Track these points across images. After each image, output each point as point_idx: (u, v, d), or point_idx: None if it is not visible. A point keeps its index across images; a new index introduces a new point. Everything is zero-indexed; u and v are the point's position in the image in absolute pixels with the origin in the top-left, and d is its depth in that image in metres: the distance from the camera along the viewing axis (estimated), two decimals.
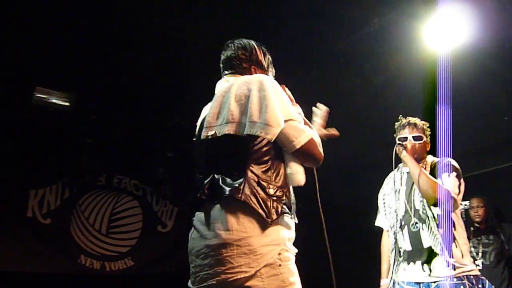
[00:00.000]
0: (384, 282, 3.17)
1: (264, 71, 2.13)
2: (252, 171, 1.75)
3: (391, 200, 3.13)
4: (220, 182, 1.75)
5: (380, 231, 3.39)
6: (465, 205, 4.65)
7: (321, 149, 1.87)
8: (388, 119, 3.21)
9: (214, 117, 1.86)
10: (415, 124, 3.12)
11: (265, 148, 1.80)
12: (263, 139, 1.76)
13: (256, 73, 2.07)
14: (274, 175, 1.80)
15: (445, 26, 3.78)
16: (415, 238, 2.90)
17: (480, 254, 4.60)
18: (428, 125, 3.17)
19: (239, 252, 1.64)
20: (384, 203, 3.24)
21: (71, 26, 4.01)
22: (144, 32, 4.15)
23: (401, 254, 2.97)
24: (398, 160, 3.16)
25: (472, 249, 4.60)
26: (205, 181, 1.80)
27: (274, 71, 2.22)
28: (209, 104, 2.01)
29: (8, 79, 4.69)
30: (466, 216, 4.78)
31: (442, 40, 3.87)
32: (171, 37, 4.17)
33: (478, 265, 4.43)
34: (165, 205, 6.91)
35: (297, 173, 1.86)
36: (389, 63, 4.30)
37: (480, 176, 5.50)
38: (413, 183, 2.99)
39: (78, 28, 4.06)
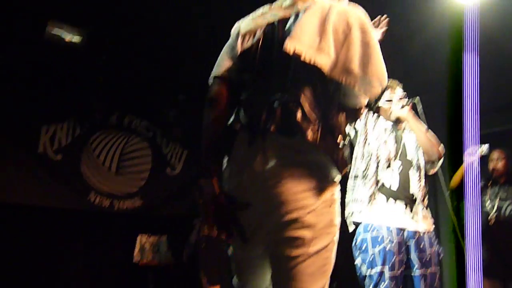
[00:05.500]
0: None
1: None
2: (325, 114, 1.60)
3: (379, 136, 3.05)
4: (298, 117, 1.54)
5: None
6: (482, 151, 4.31)
7: None
8: (414, 70, 3.12)
9: (307, 33, 1.57)
10: (392, 87, 3.10)
11: (334, 91, 1.64)
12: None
13: None
14: (338, 119, 1.65)
15: None
16: (404, 178, 2.93)
17: (495, 208, 4.46)
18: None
19: (299, 189, 1.54)
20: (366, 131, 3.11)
21: None
22: None
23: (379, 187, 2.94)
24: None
25: (488, 201, 4.43)
26: (274, 106, 1.57)
27: None
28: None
29: (20, 13, 4.56)
30: (483, 167, 4.37)
31: None
32: None
33: (490, 220, 4.34)
34: (175, 148, 6.93)
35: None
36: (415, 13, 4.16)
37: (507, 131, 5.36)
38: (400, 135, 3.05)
39: None
